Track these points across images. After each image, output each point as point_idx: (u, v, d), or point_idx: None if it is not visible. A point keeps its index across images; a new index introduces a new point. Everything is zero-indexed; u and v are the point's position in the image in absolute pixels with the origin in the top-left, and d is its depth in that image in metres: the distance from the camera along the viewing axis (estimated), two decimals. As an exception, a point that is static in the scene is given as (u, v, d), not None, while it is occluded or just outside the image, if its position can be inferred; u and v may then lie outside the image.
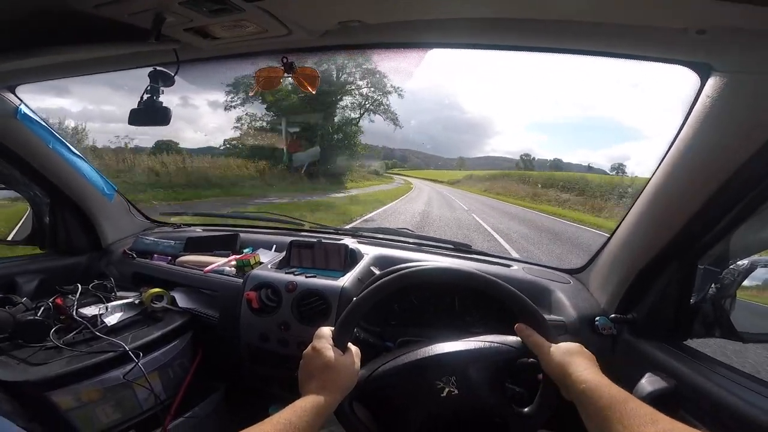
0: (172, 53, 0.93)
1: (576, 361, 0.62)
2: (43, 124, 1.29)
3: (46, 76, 1.15)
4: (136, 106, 0.99)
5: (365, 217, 9.80)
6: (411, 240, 1.50)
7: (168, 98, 0.97)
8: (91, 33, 0.80)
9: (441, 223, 9.41)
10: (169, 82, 0.99)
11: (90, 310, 1.13)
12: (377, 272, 1.22)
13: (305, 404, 0.57)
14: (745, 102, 0.61)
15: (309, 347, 0.66)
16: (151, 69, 0.97)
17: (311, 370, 0.63)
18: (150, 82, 0.98)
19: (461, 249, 1.41)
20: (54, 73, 1.12)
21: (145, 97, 0.98)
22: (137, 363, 1.00)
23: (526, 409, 0.67)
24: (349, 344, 0.68)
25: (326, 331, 0.68)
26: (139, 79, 0.99)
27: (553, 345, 0.66)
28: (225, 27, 0.77)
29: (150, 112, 0.99)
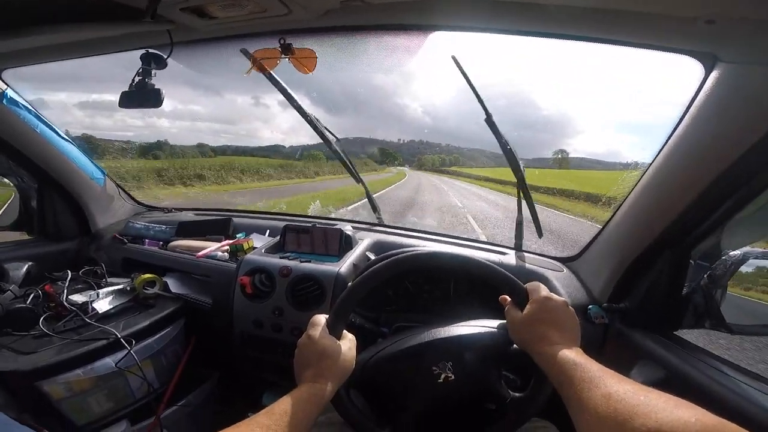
0: (165, 35, 0.90)
1: (536, 330, 0.61)
2: (30, 108, 1.26)
3: (34, 60, 1.11)
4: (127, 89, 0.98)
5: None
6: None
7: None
8: (82, 13, 0.77)
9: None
10: (161, 64, 0.97)
11: (80, 297, 1.11)
12: (373, 257, 1.21)
13: (302, 393, 0.56)
14: (748, 93, 0.61)
15: (304, 335, 0.64)
16: (143, 51, 0.95)
17: (307, 358, 0.61)
18: (142, 64, 0.96)
19: (458, 236, 1.42)
20: (42, 56, 1.08)
21: (137, 79, 0.96)
22: (129, 350, 0.98)
23: (521, 395, 0.67)
24: (345, 331, 0.67)
25: (321, 318, 0.66)
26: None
27: (518, 315, 0.64)
28: (223, 6, 0.75)
29: (141, 95, 0.97)
